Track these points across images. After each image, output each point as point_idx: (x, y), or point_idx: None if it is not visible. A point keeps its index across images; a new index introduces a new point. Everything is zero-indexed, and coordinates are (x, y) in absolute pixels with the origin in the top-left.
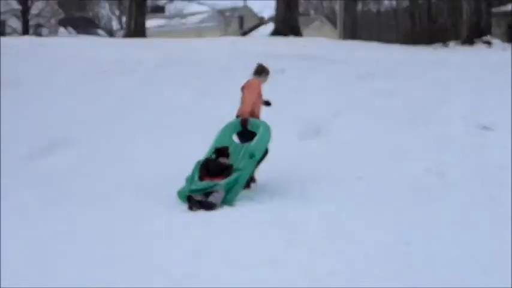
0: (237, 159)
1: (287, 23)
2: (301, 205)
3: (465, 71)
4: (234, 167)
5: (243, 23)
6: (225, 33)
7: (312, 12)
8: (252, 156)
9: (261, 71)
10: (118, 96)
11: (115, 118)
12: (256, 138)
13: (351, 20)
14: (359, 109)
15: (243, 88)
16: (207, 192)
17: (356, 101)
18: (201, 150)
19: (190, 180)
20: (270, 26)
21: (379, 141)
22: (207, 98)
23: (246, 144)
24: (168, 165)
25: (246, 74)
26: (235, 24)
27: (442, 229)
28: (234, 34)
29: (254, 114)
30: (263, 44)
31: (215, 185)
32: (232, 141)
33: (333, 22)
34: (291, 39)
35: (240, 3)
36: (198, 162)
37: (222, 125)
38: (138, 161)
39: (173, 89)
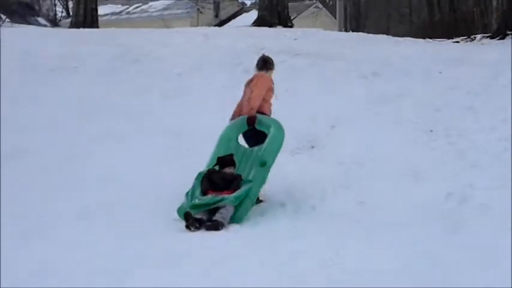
0: (246, 167)
1: (274, 11)
2: (291, 236)
3: (495, 72)
4: (243, 177)
5: (219, 10)
6: (197, 22)
7: None
8: (263, 163)
9: (270, 64)
10: (65, 100)
11: (63, 126)
12: (266, 141)
13: (354, 7)
14: (362, 118)
15: (249, 82)
16: (213, 209)
17: (359, 107)
18: (171, 164)
19: (191, 195)
20: (253, 14)
21: (387, 157)
22: (175, 103)
23: (256, 148)
24: (132, 183)
25: (222, 73)
26: (209, 12)
27: (468, 270)
28: (208, 24)
29: (263, 113)
30: (244, 37)
31: (222, 199)
32: (239, 145)
33: (332, 10)
34: (279, 31)
35: None
36: (200, 173)
37: (194, 135)
38: (94, 178)
39: (133, 92)
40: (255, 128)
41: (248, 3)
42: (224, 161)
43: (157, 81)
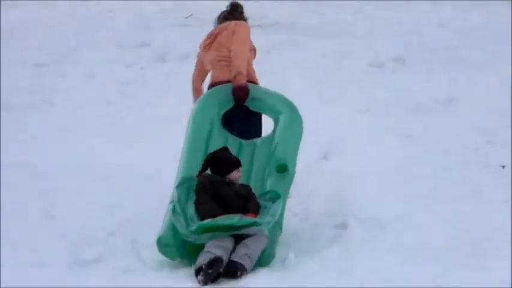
0: (250, 171)
1: None
2: None
3: None
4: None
5: None
6: None
7: None
8: (282, 168)
9: (242, 14)
10: None
11: None
12: (279, 132)
13: None
14: (379, 140)
15: (212, 39)
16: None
17: (372, 121)
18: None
19: (183, 213)
20: None
21: (428, 214)
22: (30, 119)
23: (258, 141)
24: None
25: (116, 61)
26: None
27: None
28: None
29: (251, 79)
30: None
31: (255, 223)
32: (226, 132)
33: None
34: None
35: None
36: (185, 179)
37: (58, 175)
38: None
39: None
40: (243, 107)
41: None
42: (227, 162)
43: None
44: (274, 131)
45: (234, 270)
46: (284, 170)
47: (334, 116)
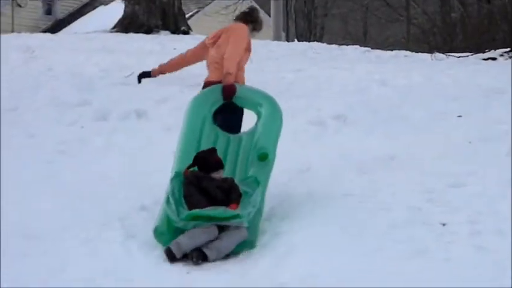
0: (236, 162)
1: (154, 3)
2: None
3: None
4: (235, 178)
5: (54, 3)
6: (12, 24)
7: None
8: (264, 156)
9: (252, 17)
10: None
11: None
12: (260, 124)
13: None
14: (318, 203)
15: (215, 38)
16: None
17: (310, 182)
18: None
19: (175, 203)
20: (117, 9)
21: None
22: None
23: (243, 134)
24: None
25: (57, 121)
26: (35, 5)
27: None
28: (34, 27)
29: (238, 80)
30: (98, 52)
31: (238, 216)
32: (216, 128)
33: (263, 1)
34: (164, 40)
35: None
36: (178, 173)
37: None
38: None
39: None
40: (232, 103)
41: None
42: (209, 164)
43: None
44: (256, 124)
45: (197, 256)
46: (265, 158)
47: (274, 176)
